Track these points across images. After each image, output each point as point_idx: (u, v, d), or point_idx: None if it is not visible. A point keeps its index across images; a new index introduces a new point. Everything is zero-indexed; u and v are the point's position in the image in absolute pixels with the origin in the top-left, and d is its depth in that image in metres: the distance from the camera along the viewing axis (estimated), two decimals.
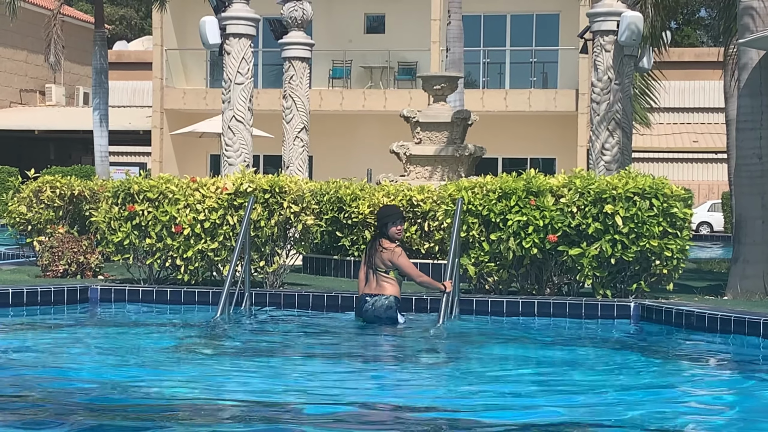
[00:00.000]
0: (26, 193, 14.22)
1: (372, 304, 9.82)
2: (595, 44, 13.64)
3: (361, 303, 9.94)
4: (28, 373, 7.61)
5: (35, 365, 7.97)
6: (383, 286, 9.82)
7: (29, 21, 36.46)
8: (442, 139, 15.87)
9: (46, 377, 7.47)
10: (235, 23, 15.16)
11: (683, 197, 10.95)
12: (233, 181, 11.56)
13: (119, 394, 6.92)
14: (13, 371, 7.69)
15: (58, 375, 7.56)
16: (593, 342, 9.54)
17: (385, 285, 9.82)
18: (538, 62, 33.49)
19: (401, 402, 6.88)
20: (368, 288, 9.88)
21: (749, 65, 12.03)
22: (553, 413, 6.54)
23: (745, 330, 9.34)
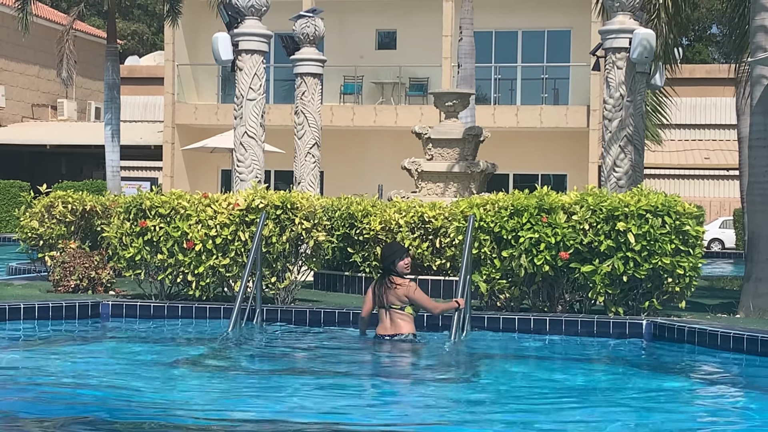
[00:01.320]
0: (38, 208, 14.25)
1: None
2: (607, 61, 13.65)
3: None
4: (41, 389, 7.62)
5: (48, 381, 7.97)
6: (399, 325, 9.64)
7: (42, 36, 36.63)
8: (453, 155, 15.87)
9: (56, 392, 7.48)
10: (247, 39, 15.20)
11: (695, 215, 10.94)
12: (245, 197, 11.57)
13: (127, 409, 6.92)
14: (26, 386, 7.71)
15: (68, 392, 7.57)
16: (606, 360, 9.52)
17: (401, 323, 9.65)
18: (549, 78, 33.49)
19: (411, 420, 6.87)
20: (383, 328, 9.69)
21: (762, 82, 12.03)
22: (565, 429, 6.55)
23: (758, 349, 9.32)
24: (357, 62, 33.46)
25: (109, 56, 26.17)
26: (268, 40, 15.48)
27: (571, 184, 31.30)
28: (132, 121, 39.75)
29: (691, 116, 39.01)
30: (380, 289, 9.73)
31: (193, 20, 32.11)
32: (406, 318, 9.68)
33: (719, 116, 38.97)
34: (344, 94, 33.47)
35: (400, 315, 9.65)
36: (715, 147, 37.73)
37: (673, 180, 38.27)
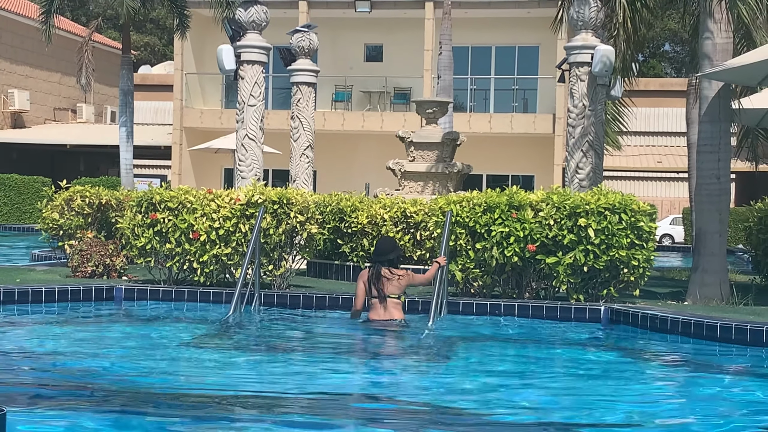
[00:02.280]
0: (58, 201, 14.21)
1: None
2: (571, 74, 13.67)
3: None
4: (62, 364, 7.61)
5: (68, 357, 7.97)
6: (392, 312, 9.65)
7: (63, 46, 36.49)
8: (433, 157, 15.90)
9: (76, 368, 7.47)
10: (248, 51, 15.17)
11: (649, 212, 10.98)
12: (245, 193, 11.57)
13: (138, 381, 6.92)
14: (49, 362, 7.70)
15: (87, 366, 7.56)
16: (567, 342, 9.55)
17: (394, 310, 9.66)
18: (519, 89, 33.54)
19: (393, 393, 6.88)
20: (376, 313, 9.66)
21: (709, 95, 12.07)
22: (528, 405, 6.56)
23: (704, 333, 9.37)
24: (347, 73, 33.45)
25: (123, 65, 26.09)
26: (267, 52, 15.46)
27: (538, 184, 31.38)
28: (144, 124, 39.60)
29: (646, 124, 39.08)
30: (378, 281, 9.62)
31: (200, 33, 32.03)
32: (398, 304, 9.72)
33: (671, 125, 39.06)
34: (335, 101, 33.45)
35: (395, 303, 9.67)
36: (667, 152, 37.81)
37: (630, 181, 38.35)
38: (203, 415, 5.99)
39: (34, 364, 7.59)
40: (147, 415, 5.89)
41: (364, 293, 9.73)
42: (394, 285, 9.63)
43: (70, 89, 40.71)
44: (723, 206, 12.08)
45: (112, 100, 42.06)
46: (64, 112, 41.25)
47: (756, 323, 9.25)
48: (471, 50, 33.07)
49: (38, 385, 6.75)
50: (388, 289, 9.61)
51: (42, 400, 6.26)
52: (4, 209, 33.24)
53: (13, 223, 32.50)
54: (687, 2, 15.39)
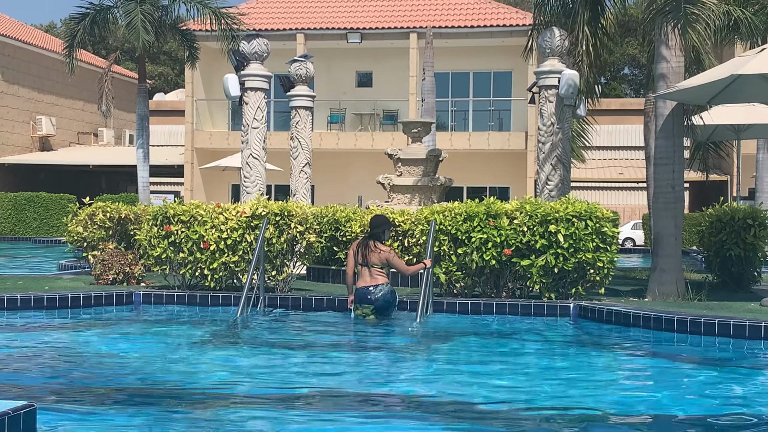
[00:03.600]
0: (82, 216, 14.18)
1: (378, 293, 10.03)
2: (540, 96, 13.71)
3: (364, 294, 10.06)
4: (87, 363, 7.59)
5: (92, 356, 7.94)
6: (378, 278, 10.06)
7: (85, 77, 36.45)
8: (418, 172, 15.91)
9: (100, 366, 7.45)
10: (251, 79, 15.18)
11: (612, 219, 11.01)
12: (250, 206, 11.56)
13: (157, 381, 6.90)
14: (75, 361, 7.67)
15: (108, 364, 7.54)
16: (540, 335, 9.56)
17: (379, 277, 10.08)
18: (495, 110, 33.63)
19: (387, 383, 6.88)
20: (364, 281, 10.06)
21: (664, 113, 12.12)
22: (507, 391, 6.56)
23: (662, 326, 9.40)
24: (341, 97, 33.49)
25: (140, 93, 26.07)
26: (268, 79, 15.47)
27: (513, 195, 31.42)
28: (159, 146, 39.55)
29: (608, 140, 39.20)
30: (365, 250, 10.09)
31: (208, 64, 32.05)
32: (382, 273, 10.10)
33: (630, 140, 39.20)
34: (330, 123, 33.48)
35: (378, 271, 10.07)
36: (628, 164, 37.92)
37: (594, 191, 38.43)
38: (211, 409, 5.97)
39: (61, 364, 7.56)
40: (161, 409, 5.88)
41: (353, 260, 10.20)
42: (376, 256, 10.04)
43: (92, 115, 40.65)
44: (678, 212, 12.12)
45: (130, 124, 41.98)
46: (87, 136, 41.18)
47: (708, 317, 9.28)
48: (451, 76, 33.15)
49: (65, 382, 6.72)
50: (370, 259, 10.03)
51: (69, 396, 6.23)
52: (34, 224, 33.16)
53: (41, 236, 32.43)
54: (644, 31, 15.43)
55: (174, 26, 26.03)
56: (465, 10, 33.03)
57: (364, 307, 10.12)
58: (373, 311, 10.11)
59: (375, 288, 10.04)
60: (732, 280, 13.38)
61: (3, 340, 8.72)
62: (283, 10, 34.16)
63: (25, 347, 8.23)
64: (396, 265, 10.25)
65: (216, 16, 24.64)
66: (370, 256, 10.08)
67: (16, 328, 9.60)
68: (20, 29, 39.15)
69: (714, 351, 8.56)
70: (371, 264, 10.06)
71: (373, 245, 10.13)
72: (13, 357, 7.77)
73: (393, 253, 10.27)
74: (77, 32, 24.87)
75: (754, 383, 7.11)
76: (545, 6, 14.37)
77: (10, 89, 36.05)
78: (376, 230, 10.33)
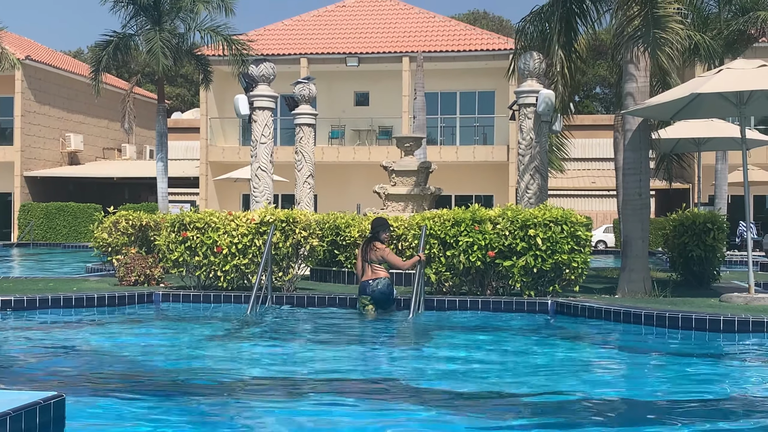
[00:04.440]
0: (107, 224, 14.18)
1: (376, 286, 10.24)
2: (520, 113, 13.73)
3: (365, 287, 10.32)
4: (112, 356, 7.57)
5: (116, 350, 7.93)
6: (378, 273, 10.28)
7: (109, 98, 36.43)
8: (411, 182, 15.91)
9: (124, 359, 7.44)
10: (259, 99, 15.20)
11: (585, 223, 11.02)
12: (259, 214, 11.56)
13: (176, 372, 6.90)
14: (101, 355, 7.66)
15: (132, 357, 7.53)
16: (521, 329, 9.57)
17: (379, 272, 10.29)
18: (479, 126, 33.67)
19: (382, 371, 6.87)
20: (366, 276, 10.30)
21: (632, 128, 12.15)
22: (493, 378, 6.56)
23: (631, 320, 9.41)
24: (340, 115, 33.51)
25: (159, 112, 26.08)
26: (275, 99, 15.49)
27: (496, 202, 31.44)
28: (176, 160, 39.51)
29: (582, 152, 39.26)
30: (367, 248, 10.37)
31: (220, 86, 32.06)
32: (382, 268, 10.32)
33: (602, 152, 39.26)
34: (331, 138, 33.50)
35: (378, 267, 10.31)
36: (599, 174, 37.96)
37: (570, 198, 38.49)
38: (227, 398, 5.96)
39: (89, 357, 7.55)
40: (181, 398, 5.87)
41: (361, 258, 10.45)
42: (374, 254, 10.29)
43: (116, 132, 40.62)
44: (645, 218, 12.13)
45: (150, 140, 41.96)
46: (111, 151, 41.15)
47: (672, 311, 9.30)
48: (440, 95, 33.19)
49: (92, 374, 6.71)
50: (370, 257, 10.29)
51: (95, 387, 6.22)
52: (63, 231, 33.11)
53: (70, 242, 32.39)
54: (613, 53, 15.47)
55: (190, 52, 26.06)
56: (452, 36, 33.09)
57: (364, 298, 10.35)
58: (370, 302, 10.28)
59: (374, 282, 10.25)
60: (694, 279, 13.41)
61: (34, 335, 8.71)
62: (288, 36, 34.21)
63: (55, 342, 8.22)
64: (391, 261, 10.38)
65: (227, 43, 24.68)
66: (370, 253, 10.33)
67: (47, 325, 9.58)
68: (51, 55, 39.13)
69: (677, 342, 8.57)
70: (371, 260, 10.30)
71: (372, 245, 10.35)
72: (43, 351, 7.76)
73: (388, 251, 10.45)
74: (102, 58, 24.90)
75: (715, 371, 7.12)
76: (525, 32, 14.40)
77: (42, 109, 36.02)
78: (374, 231, 10.52)
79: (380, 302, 10.27)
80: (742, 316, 8.91)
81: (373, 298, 10.23)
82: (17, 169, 34.67)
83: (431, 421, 5.27)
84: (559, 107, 13.84)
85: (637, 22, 11.58)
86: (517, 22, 14.88)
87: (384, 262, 10.30)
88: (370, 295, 10.23)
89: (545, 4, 13.97)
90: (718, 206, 22.87)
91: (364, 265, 10.34)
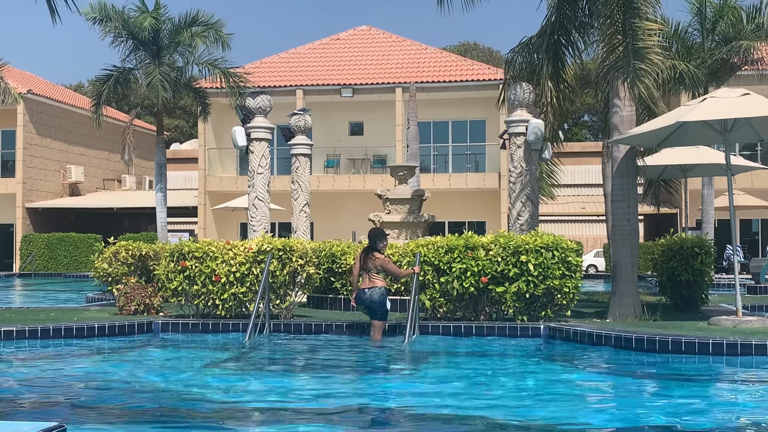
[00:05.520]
0: (107, 254, 14.14)
1: (370, 295, 10.30)
2: (511, 142, 13.79)
3: (361, 295, 10.40)
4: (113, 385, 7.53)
5: (117, 378, 7.88)
6: (375, 282, 10.35)
7: (109, 130, 36.52)
8: (405, 210, 15.93)
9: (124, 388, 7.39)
10: (256, 131, 15.25)
11: (575, 249, 11.04)
12: (256, 243, 11.56)
13: (174, 399, 6.85)
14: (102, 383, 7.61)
15: (132, 386, 7.48)
16: (514, 353, 9.54)
17: (376, 281, 10.36)
18: (471, 154, 33.77)
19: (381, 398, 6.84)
20: (364, 284, 10.38)
21: (619, 156, 12.21)
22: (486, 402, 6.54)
23: (622, 344, 9.39)
24: (336, 144, 33.61)
25: (158, 143, 26.13)
26: (271, 131, 15.54)
27: (489, 229, 31.47)
28: (175, 189, 39.54)
29: (571, 179, 39.41)
30: (364, 258, 10.42)
31: (218, 117, 32.16)
32: (379, 278, 10.40)
33: (591, 178, 39.41)
34: (327, 167, 33.56)
35: (375, 276, 10.37)
36: (589, 200, 38.07)
37: (560, 224, 38.56)
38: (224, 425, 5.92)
39: (90, 385, 7.50)
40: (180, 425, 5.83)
41: (358, 266, 10.50)
42: (372, 263, 10.36)
43: (116, 163, 40.65)
44: (633, 242, 12.16)
45: (150, 171, 41.98)
46: (112, 182, 41.14)
47: (663, 335, 9.29)
48: (432, 124, 33.34)
49: (93, 404, 6.66)
50: (368, 266, 10.37)
51: (96, 417, 6.17)
52: (64, 261, 33.01)
53: (71, 272, 32.28)
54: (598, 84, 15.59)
55: (188, 85, 26.16)
56: (444, 66, 33.31)
57: (360, 306, 10.55)
58: (364, 310, 10.50)
59: (369, 290, 10.34)
60: (683, 302, 13.41)
61: (36, 366, 8.65)
62: (284, 69, 34.39)
63: (56, 372, 8.17)
64: (389, 269, 10.46)
65: (225, 76, 24.80)
66: (368, 262, 10.42)
67: (49, 355, 9.52)
68: (52, 89, 39.27)
69: (668, 365, 8.55)
70: (369, 269, 10.39)
71: (371, 255, 10.43)
72: (45, 381, 7.70)
73: (387, 260, 10.54)
74: (103, 91, 24.98)
75: (705, 394, 7.10)
76: (514, 63, 14.52)
77: (43, 142, 36.07)
78: (372, 241, 10.58)
79: (370, 310, 10.43)
80: (731, 339, 8.91)
81: (366, 306, 10.44)
82: (19, 201, 34.64)
83: None
84: (548, 136, 13.91)
85: (619, 51, 11.67)
86: (506, 54, 15.00)
87: (383, 270, 10.39)
88: (363, 303, 10.42)
89: (533, 35, 14.09)
90: (705, 230, 22.93)
91: (362, 274, 10.47)
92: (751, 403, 6.76)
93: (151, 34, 24.47)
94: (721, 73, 22.31)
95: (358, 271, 10.55)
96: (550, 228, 35.78)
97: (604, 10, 11.90)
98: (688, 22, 22.75)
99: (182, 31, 24.64)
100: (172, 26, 24.84)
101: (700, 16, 22.67)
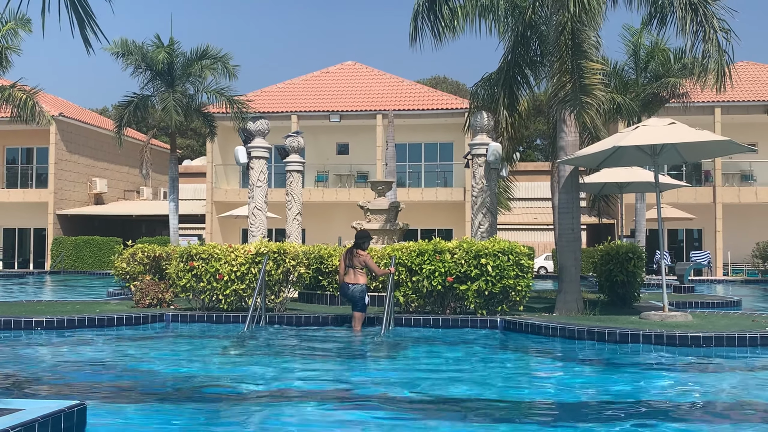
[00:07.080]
0: (126, 255, 14.04)
1: (352, 290, 10.31)
2: (473, 162, 13.85)
3: (345, 288, 10.40)
4: (130, 369, 7.46)
5: (134, 362, 7.81)
6: (358, 278, 10.33)
7: (130, 148, 36.29)
8: (383, 219, 15.93)
9: (140, 371, 7.33)
10: (256, 150, 15.20)
11: (527, 253, 11.09)
12: (255, 246, 11.52)
13: (184, 382, 6.80)
14: (120, 367, 7.54)
15: (147, 369, 7.42)
16: (476, 342, 9.56)
17: (359, 277, 10.34)
18: (441, 171, 33.87)
19: (358, 381, 6.83)
20: (348, 278, 10.34)
21: (565, 175, 12.29)
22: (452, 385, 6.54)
23: (566, 335, 9.44)
24: (325, 162, 33.59)
25: (171, 160, 25.97)
26: (269, 150, 15.49)
27: (455, 235, 31.55)
28: (186, 199, 39.29)
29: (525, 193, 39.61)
30: (350, 255, 10.38)
31: (224, 138, 32.04)
32: (362, 274, 10.39)
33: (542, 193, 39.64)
34: (317, 181, 33.51)
35: (359, 272, 10.34)
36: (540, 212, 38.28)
37: (515, 231, 38.70)
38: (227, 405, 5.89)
39: (109, 369, 7.42)
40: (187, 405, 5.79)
41: (343, 264, 10.43)
42: (357, 260, 10.33)
43: (135, 177, 40.37)
44: (577, 249, 12.23)
45: (164, 183, 41.70)
46: (131, 193, 40.83)
47: (600, 327, 9.35)
48: (408, 146, 33.41)
49: (111, 385, 6.60)
50: (353, 262, 10.33)
51: (113, 397, 6.12)
52: (89, 261, 32.71)
53: (95, 270, 31.97)
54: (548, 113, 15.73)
55: (198, 110, 26.04)
56: (418, 97, 33.42)
57: (343, 297, 10.55)
58: (347, 301, 10.55)
59: (352, 286, 10.33)
60: (618, 299, 13.50)
61: (62, 350, 8.56)
62: (280, 97, 34.36)
63: (79, 358, 8.08)
64: (370, 266, 10.43)
65: (230, 102, 24.72)
66: (353, 259, 10.38)
67: (73, 341, 9.42)
68: (80, 112, 38.97)
69: (604, 353, 8.60)
70: (354, 265, 10.35)
71: (355, 252, 10.39)
72: (69, 364, 7.62)
73: (369, 257, 10.51)
74: (124, 115, 24.82)
75: (635, 377, 7.15)
76: (477, 95, 14.63)
77: (72, 158, 35.79)
78: (359, 241, 10.55)
79: (353, 303, 10.44)
80: (658, 331, 8.99)
81: (349, 299, 10.45)
82: (51, 208, 34.33)
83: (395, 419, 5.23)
84: (505, 157, 13.99)
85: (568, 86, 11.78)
86: (471, 87, 15.09)
87: (365, 266, 10.37)
88: (346, 296, 10.42)
89: (493, 72, 14.19)
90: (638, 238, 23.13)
91: (347, 269, 10.42)
92: (673, 383, 6.82)
93: (166, 66, 24.34)
94: (652, 105, 22.58)
95: (344, 268, 10.52)
96: (507, 235, 35.91)
97: (555, 51, 12.00)
98: (625, 61, 23.03)
99: (193, 64, 24.54)
100: (184, 59, 24.72)
101: (635, 57, 22.95)
